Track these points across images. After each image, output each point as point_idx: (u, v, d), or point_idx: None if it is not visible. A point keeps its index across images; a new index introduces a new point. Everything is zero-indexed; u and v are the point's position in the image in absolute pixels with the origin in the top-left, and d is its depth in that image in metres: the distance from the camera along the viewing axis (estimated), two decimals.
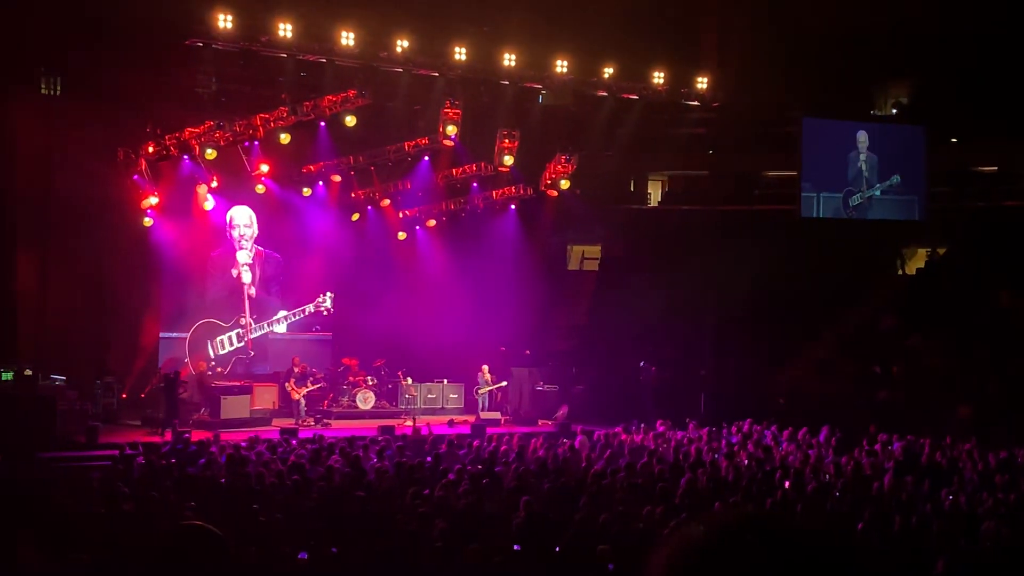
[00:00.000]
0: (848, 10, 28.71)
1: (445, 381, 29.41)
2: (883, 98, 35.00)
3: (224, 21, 22.64)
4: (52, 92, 25.45)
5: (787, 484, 16.89)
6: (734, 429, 24.23)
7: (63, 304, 25.88)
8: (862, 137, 33.28)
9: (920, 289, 33.54)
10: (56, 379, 24.56)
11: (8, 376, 23.50)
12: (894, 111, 35.29)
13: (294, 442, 21.25)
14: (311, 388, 27.19)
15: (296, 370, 27.10)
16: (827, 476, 18.20)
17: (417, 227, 32.33)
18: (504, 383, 29.07)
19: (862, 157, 33.31)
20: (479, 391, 28.73)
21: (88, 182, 25.76)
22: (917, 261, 36.73)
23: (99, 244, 25.90)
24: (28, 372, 23.82)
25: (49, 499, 14.48)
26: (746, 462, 19.64)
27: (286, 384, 26.97)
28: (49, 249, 26.23)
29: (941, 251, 35.88)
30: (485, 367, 28.90)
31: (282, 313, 30.02)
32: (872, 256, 33.75)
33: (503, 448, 20.75)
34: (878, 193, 33.34)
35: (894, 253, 35.87)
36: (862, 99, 34.08)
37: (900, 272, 36.05)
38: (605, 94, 27.93)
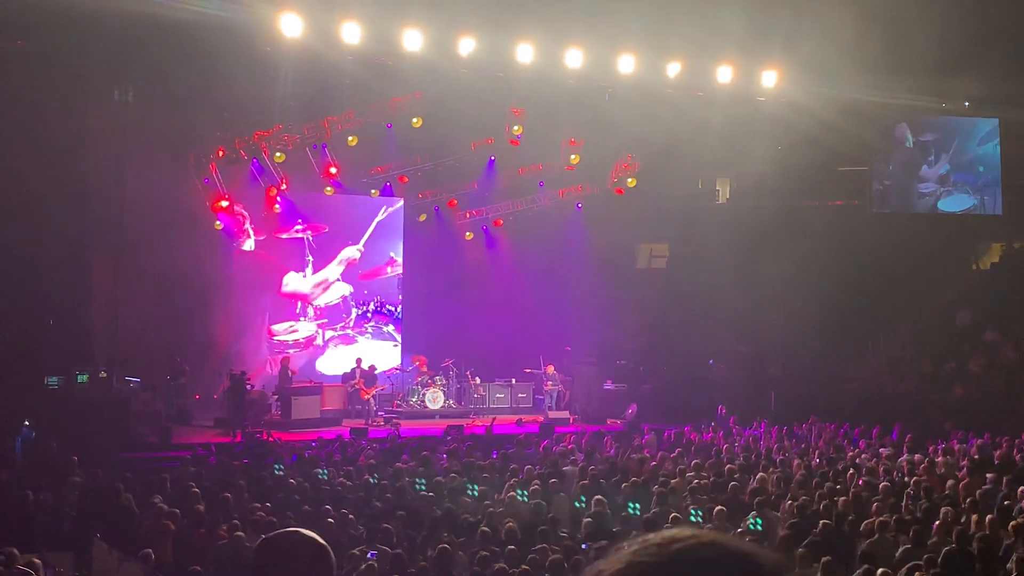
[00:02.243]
0: (918, 2, 28.24)
1: (513, 380, 29.36)
2: (956, 91, 34.33)
3: (292, 26, 22.78)
4: (124, 99, 25.80)
5: (859, 483, 16.72)
6: (805, 427, 24.02)
7: (137, 306, 26.19)
8: (936, 132, 32.81)
9: (995, 284, 32.95)
10: (130, 381, 24.93)
11: (83, 378, 23.86)
12: (967, 104, 34.64)
13: (364, 442, 21.41)
14: (380, 388, 27.36)
15: (365, 370, 27.26)
16: (900, 475, 17.97)
17: (484, 227, 32.35)
18: (560, 386, 28.96)
19: (934, 151, 32.81)
20: (545, 390, 28.74)
21: (160, 186, 26.10)
22: (992, 256, 36.07)
23: (171, 247, 26.20)
24: (103, 374, 24.16)
25: (124, 500, 14.70)
26: (817, 460, 19.47)
27: (354, 384, 27.11)
28: (122, 252, 26.59)
29: (1017, 245, 35.24)
30: (550, 367, 28.89)
31: (355, 313, 30.39)
32: (945, 251, 33.19)
33: (571, 447, 20.78)
34: (951, 188, 32.84)
35: (968, 248, 35.27)
36: (934, 92, 33.46)
37: (974, 267, 35.45)
38: (671, 91, 27.72)
